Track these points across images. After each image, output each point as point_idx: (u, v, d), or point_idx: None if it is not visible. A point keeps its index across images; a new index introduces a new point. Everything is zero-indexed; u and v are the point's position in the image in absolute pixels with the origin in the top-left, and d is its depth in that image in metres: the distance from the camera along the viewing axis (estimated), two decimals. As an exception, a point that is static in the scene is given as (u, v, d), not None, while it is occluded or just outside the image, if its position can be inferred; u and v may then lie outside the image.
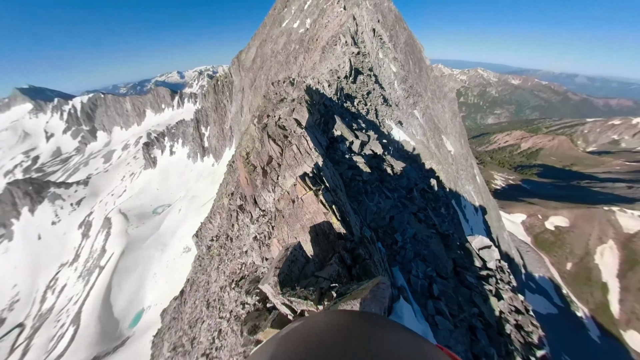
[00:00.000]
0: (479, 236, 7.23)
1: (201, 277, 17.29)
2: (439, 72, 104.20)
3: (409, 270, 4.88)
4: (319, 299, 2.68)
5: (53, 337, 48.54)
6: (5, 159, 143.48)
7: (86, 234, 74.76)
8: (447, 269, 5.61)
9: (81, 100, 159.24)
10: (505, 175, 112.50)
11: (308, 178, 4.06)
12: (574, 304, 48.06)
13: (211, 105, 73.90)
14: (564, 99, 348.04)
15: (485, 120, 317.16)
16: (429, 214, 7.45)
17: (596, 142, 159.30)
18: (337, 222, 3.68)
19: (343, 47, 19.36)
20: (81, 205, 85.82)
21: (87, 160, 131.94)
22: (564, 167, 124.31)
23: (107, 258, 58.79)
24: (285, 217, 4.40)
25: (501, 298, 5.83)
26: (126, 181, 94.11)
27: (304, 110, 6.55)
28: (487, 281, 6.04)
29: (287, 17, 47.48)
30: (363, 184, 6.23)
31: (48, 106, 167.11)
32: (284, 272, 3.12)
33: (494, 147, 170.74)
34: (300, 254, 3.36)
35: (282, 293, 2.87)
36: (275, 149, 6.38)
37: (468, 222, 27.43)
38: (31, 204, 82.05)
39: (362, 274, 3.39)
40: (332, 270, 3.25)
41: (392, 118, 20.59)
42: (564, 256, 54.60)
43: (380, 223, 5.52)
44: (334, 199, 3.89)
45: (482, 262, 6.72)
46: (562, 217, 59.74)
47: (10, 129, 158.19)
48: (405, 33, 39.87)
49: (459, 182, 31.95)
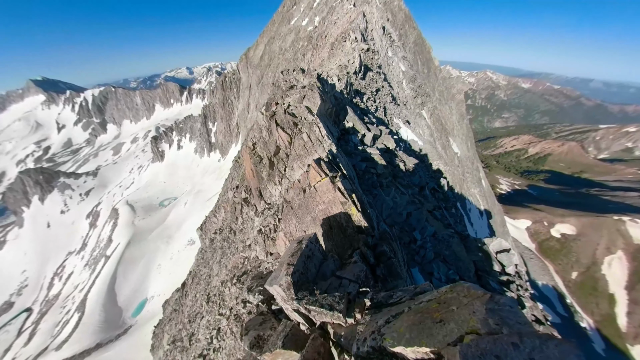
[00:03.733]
0: (497, 238, 6.77)
1: (203, 270, 17.16)
2: (447, 74, 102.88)
3: (429, 272, 4.46)
4: (347, 308, 2.03)
5: (59, 322, 49.65)
6: (17, 148, 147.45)
7: (94, 224, 76.22)
8: (469, 272, 5.17)
9: (92, 93, 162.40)
10: (510, 180, 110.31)
11: (324, 163, 3.66)
12: (578, 314, 46.71)
13: (219, 102, 74.29)
14: (576, 104, 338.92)
15: (492, 124, 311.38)
16: (444, 212, 7.03)
17: (608, 149, 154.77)
18: (358, 214, 3.16)
19: (352, 43, 18.95)
20: (90, 196, 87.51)
21: (96, 151, 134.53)
22: (573, 173, 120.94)
23: (113, 248, 59.79)
24: (294, 209, 4.05)
25: (524, 307, 5.38)
26: (134, 173, 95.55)
27: (316, 96, 6.18)
28: (509, 287, 5.60)
29: (295, 14, 47.19)
30: (377, 178, 5.85)
31: (60, 98, 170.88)
32: (299, 270, 2.47)
33: (500, 151, 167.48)
34: (317, 248, 2.74)
35: (297, 298, 2.24)
36: (284, 138, 6.05)
37: (473, 226, 26.82)
38: (41, 193, 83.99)
39: (388, 275, 2.87)
40: (358, 270, 2.60)
41: (400, 117, 20.15)
42: (570, 265, 53.14)
43: (397, 219, 5.13)
44: (353, 187, 3.48)
45: (500, 267, 6.27)
46: (569, 225, 58.14)
47: (23, 119, 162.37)
48: (414, 32, 39.18)
49: (464, 184, 31.30)
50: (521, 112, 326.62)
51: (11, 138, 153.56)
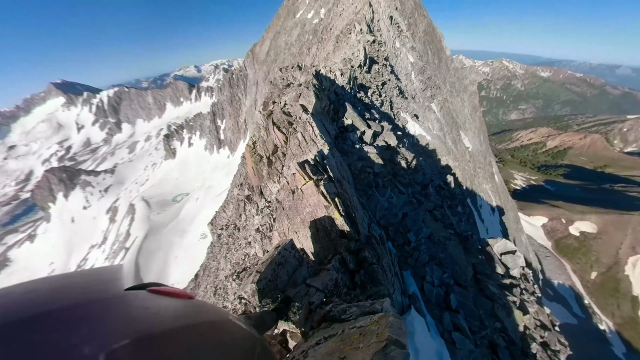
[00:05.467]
0: (502, 239, 6.50)
1: (212, 264, 17.80)
2: (459, 64, 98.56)
3: (422, 275, 4.33)
4: (305, 318, 2.00)
5: (83, 311, 53.70)
6: (42, 148, 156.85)
7: (113, 219, 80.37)
8: (466, 276, 4.98)
9: (107, 94, 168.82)
10: (526, 175, 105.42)
11: (308, 166, 3.60)
12: (597, 315, 44.64)
13: (227, 99, 75.15)
14: (601, 93, 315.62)
15: (508, 116, 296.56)
16: (445, 212, 6.81)
17: (637, 141, 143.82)
18: (340, 218, 3.15)
19: (358, 35, 18.42)
20: (108, 192, 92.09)
21: (113, 150, 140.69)
22: (596, 168, 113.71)
23: (131, 241, 62.99)
24: (285, 210, 4.05)
25: (527, 312, 5.15)
26: (148, 170, 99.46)
27: (311, 95, 6.08)
28: (511, 291, 5.38)
29: (301, 7, 46.44)
30: (374, 177, 5.71)
31: (78, 100, 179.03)
32: (267, 277, 2.55)
33: (515, 144, 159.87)
34: (292, 254, 2.76)
35: (260, 306, 2.34)
36: (280, 137, 6.02)
37: (483, 223, 26.05)
38: (65, 190, 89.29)
39: (368, 281, 2.83)
40: (327, 279, 2.59)
41: (407, 111, 19.56)
42: (589, 264, 50.59)
43: (391, 220, 5.00)
44: (338, 190, 3.37)
45: (504, 269, 6.03)
46: (589, 223, 55.07)
47: (47, 120, 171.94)
48: (424, 21, 37.57)
49: (475, 180, 30.28)
50: (539, 103, 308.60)
51: (37, 139, 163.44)
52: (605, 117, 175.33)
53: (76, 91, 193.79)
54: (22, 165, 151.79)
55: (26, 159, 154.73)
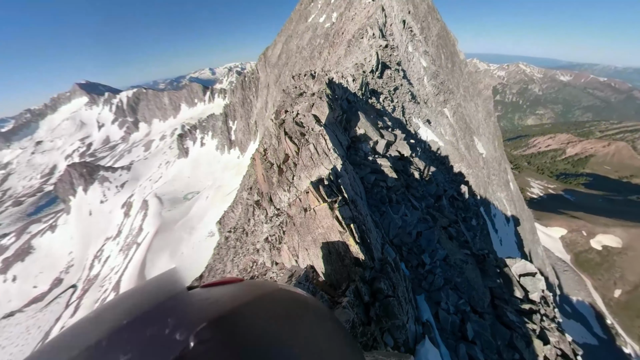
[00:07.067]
0: (522, 260, 6.12)
1: (218, 266, 17.95)
2: (473, 68, 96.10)
3: (437, 301, 4.10)
4: None
5: (98, 299, 56.12)
6: (66, 144, 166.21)
7: (127, 214, 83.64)
8: (483, 302, 4.67)
9: (127, 95, 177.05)
10: (544, 183, 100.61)
11: (322, 187, 3.52)
12: (621, 337, 41.56)
13: (239, 101, 76.77)
14: (627, 97, 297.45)
15: (524, 121, 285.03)
16: (460, 228, 6.50)
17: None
18: (355, 245, 3.02)
19: (370, 39, 18.29)
20: (124, 188, 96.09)
21: (130, 148, 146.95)
22: (621, 178, 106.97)
23: (143, 236, 65.28)
24: (296, 226, 3.98)
25: (547, 342, 4.79)
26: (162, 168, 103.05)
27: (324, 105, 6.02)
28: (531, 318, 5.03)
29: (313, 11, 46.82)
30: (387, 191, 5.54)
31: (100, 99, 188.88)
32: None
33: (532, 151, 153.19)
34: (306, 287, 2.71)
35: None
36: (292, 147, 5.99)
37: (497, 233, 24.97)
38: (85, 184, 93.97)
39: (383, 315, 2.68)
40: (344, 320, 2.43)
41: (419, 116, 19.17)
42: (612, 281, 47.36)
43: (405, 239, 4.80)
44: (353, 214, 3.27)
45: (523, 293, 5.66)
46: (612, 236, 51.66)
47: (71, 119, 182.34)
48: (438, 25, 36.92)
49: (489, 188, 29.18)
50: (559, 108, 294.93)
51: (61, 135, 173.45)
52: (632, 124, 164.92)
53: (98, 91, 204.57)
54: (47, 160, 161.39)
55: (51, 154, 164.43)
